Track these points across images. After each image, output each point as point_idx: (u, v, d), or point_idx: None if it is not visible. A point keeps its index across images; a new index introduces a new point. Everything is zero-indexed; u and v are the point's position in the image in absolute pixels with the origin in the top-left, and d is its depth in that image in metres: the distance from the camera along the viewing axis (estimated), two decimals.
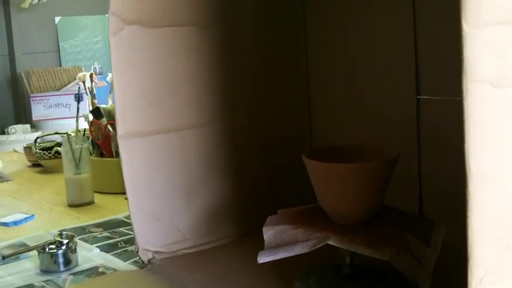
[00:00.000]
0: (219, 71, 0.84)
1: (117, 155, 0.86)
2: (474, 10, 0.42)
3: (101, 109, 1.21)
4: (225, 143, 0.84)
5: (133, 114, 0.77)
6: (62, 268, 0.77)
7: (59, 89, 2.14)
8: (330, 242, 0.61)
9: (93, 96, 1.32)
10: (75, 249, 0.79)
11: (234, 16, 0.85)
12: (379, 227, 0.66)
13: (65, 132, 1.38)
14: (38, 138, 1.45)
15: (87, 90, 1.38)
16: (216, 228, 0.83)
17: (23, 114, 2.12)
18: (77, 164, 1.09)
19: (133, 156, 0.78)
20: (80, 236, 0.91)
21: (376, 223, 0.66)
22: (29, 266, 0.80)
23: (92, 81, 1.42)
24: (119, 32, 0.76)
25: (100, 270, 0.78)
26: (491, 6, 0.42)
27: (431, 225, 0.66)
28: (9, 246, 0.88)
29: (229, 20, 0.84)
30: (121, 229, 0.95)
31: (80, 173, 1.09)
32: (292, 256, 0.63)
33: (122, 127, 0.77)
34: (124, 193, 0.78)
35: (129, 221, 0.79)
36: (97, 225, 0.98)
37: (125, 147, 0.77)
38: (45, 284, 0.74)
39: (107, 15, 0.75)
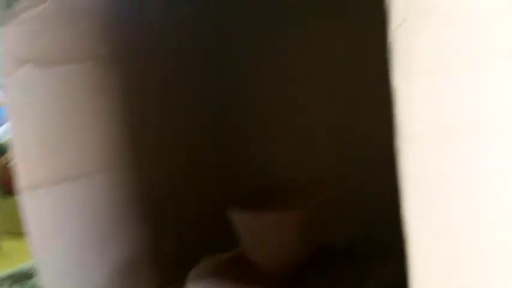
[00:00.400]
0: (129, 107, 0.77)
1: None
2: (406, 59, 0.38)
3: (2, 145, 1.12)
4: (140, 184, 0.78)
5: (36, 163, 0.70)
6: None
7: None
8: None
9: None
10: None
11: (143, 49, 0.78)
12: (312, 274, 0.62)
13: None
14: None
15: None
16: (133, 279, 0.76)
17: None
18: None
19: (39, 209, 0.70)
20: None
21: (310, 269, 0.62)
22: None
23: None
24: (13, 72, 0.68)
25: None
26: (425, 55, 0.38)
27: (370, 265, 0.63)
28: None
29: (137, 53, 0.77)
30: (32, 281, 0.87)
31: None
32: None
33: (24, 178, 0.69)
34: None
35: None
36: (5, 278, 0.90)
37: (29, 200, 0.70)
38: None
39: None
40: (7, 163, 1.08)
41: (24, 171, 0.69)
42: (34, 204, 0.70)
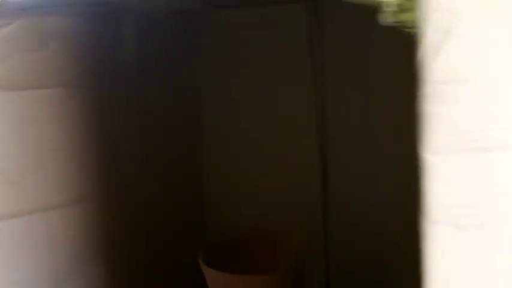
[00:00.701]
0: (95, 138, 0.72)
1: None
2: (436, 134, 0.34)
3: None
4: (101, 223, 0.72)
5: None
6: None
7: None
8: None
9: None
10: None
11: (114, 76, 0.73)
12: None
13: None
14: None
15: None
16: None
17: None
18: None
19: None
20: None
21: None
22: None
23: None
24: None
25: None
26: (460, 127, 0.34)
27: None
28: None
29: (107, 80, 0.72)
30: None
31: None
32: None
33: None
34: None
35: None
36: None
37: None
38: None
39: None
40: None
41: None
42: None
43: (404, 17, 0.36)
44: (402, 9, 0.36)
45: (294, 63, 0.74)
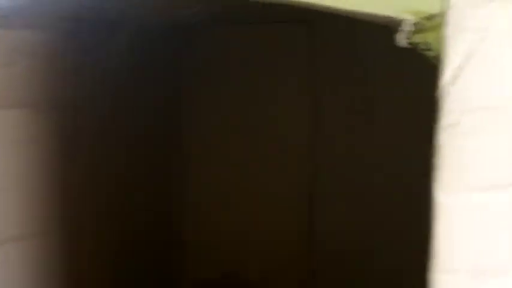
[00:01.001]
0: (61, 164, 0.66)
1: None
2: (451, 175, 0.30)
3: None
4: (62, 258, 0.67)
5: None
6: None
7: None
8: None
9: None
10: None
11: (85, 96, 0.68)
12: None
13: None
14: None
15: None
16: None
17: None
18: None
19: None
20: None
21: None
22: None
23: None
24: None
25: None
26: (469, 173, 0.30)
27: None
28: None
29: (78, 100, 0.67)
30: None
31: None
32: None
33: None
34: None
35: None
36: None
37: None
38: None
39: None
40: None
41: None
42: None
43: (421, 38, 0.32)
44: (420, 29, 0.33)
45: (287, 85, 0.72)
